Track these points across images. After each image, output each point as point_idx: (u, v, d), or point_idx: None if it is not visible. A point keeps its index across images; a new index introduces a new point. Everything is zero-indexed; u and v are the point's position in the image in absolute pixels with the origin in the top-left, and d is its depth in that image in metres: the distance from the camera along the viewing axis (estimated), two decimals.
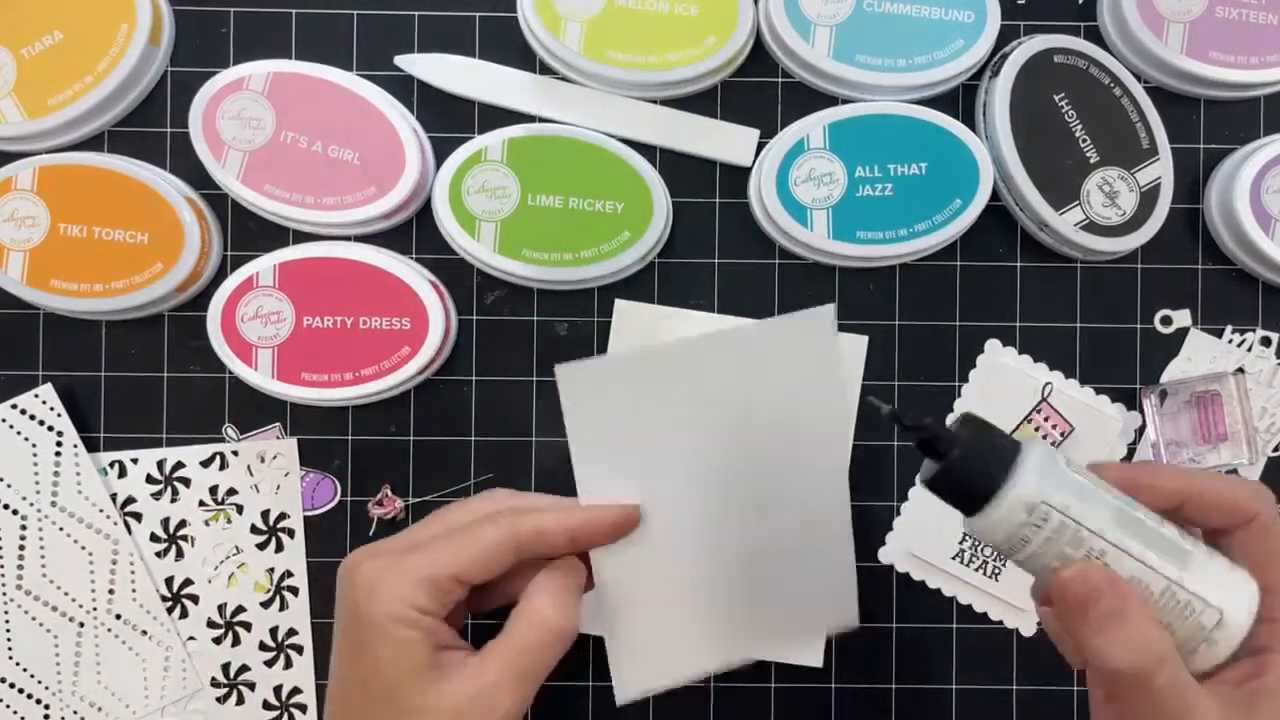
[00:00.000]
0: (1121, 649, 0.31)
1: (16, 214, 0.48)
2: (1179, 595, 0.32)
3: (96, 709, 0.50)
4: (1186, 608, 0.32)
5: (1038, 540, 0.32)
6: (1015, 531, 0.33)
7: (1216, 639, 0.31)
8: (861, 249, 0.50)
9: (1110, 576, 0.32)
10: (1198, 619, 0.32)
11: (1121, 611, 0.31)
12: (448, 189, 0.49)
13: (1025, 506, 0.32)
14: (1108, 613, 0.31)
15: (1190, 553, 0.32)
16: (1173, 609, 0.32)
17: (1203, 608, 0.31)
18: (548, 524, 0.39)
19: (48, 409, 0.50)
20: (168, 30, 0.51)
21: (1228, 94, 0.52)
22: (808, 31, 0.50)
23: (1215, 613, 0.31)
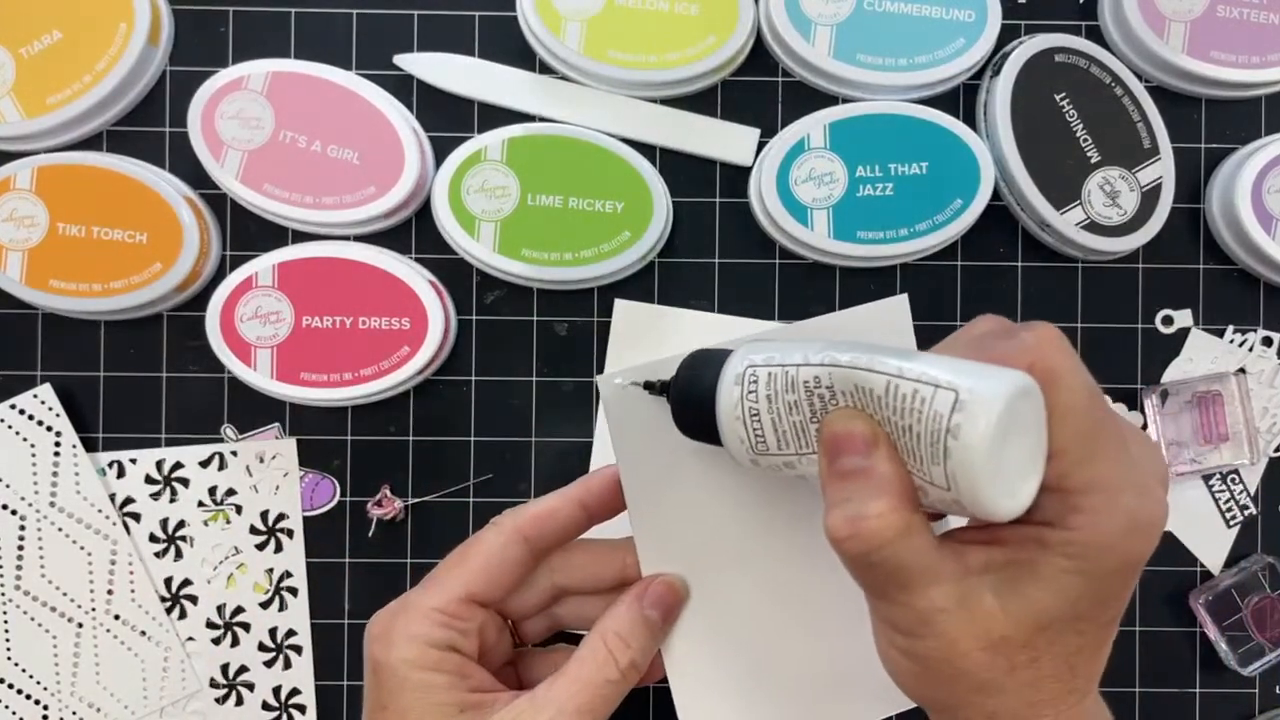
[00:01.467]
0: (840, 511, 0.28)
1: (15, 214, 0.48)
2: (902, 388, 0.27)
3: (95, 709, 0.50)
4: (915, 399, 0.27)
5: (764, 405, 0.30)
6: (742, 413, 0.30)
7: (960, 425, 0.25)
8: (862, 249, 0.50)
9: (854, 427, 0.28)
10: (932, 408, 0.26)
11: (850, 473, 0.28)
12: (447, 189, 0.49)
13: (734, 378, 0.31)
14: (844, 471, 0.28)
15: (923, 354, 0.28)
16: (901, 407, 0.27)
17: (932, 392, 0.26)
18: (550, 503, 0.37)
19: (46, 409, 0.50)
20: (166, 30, 0.51)
21: (1229, 93, 0.52)
22: (808, 31, 0.50)
23: (949, 394, 0.26)
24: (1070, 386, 0.27)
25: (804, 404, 0.30)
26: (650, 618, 0.36)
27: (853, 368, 0.28)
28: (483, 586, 0.35)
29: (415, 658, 0.34)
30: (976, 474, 0.26)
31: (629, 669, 0.35)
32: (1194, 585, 0.52)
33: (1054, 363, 0.27)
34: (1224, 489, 0.52)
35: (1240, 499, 0.52)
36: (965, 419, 0.26)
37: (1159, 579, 0.52)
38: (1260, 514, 0.52)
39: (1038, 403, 0.27)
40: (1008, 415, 0.25)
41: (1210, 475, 0.52)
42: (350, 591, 0.51)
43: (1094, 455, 0.27)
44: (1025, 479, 0.27)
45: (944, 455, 0.26)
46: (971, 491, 0.26)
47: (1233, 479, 0.52)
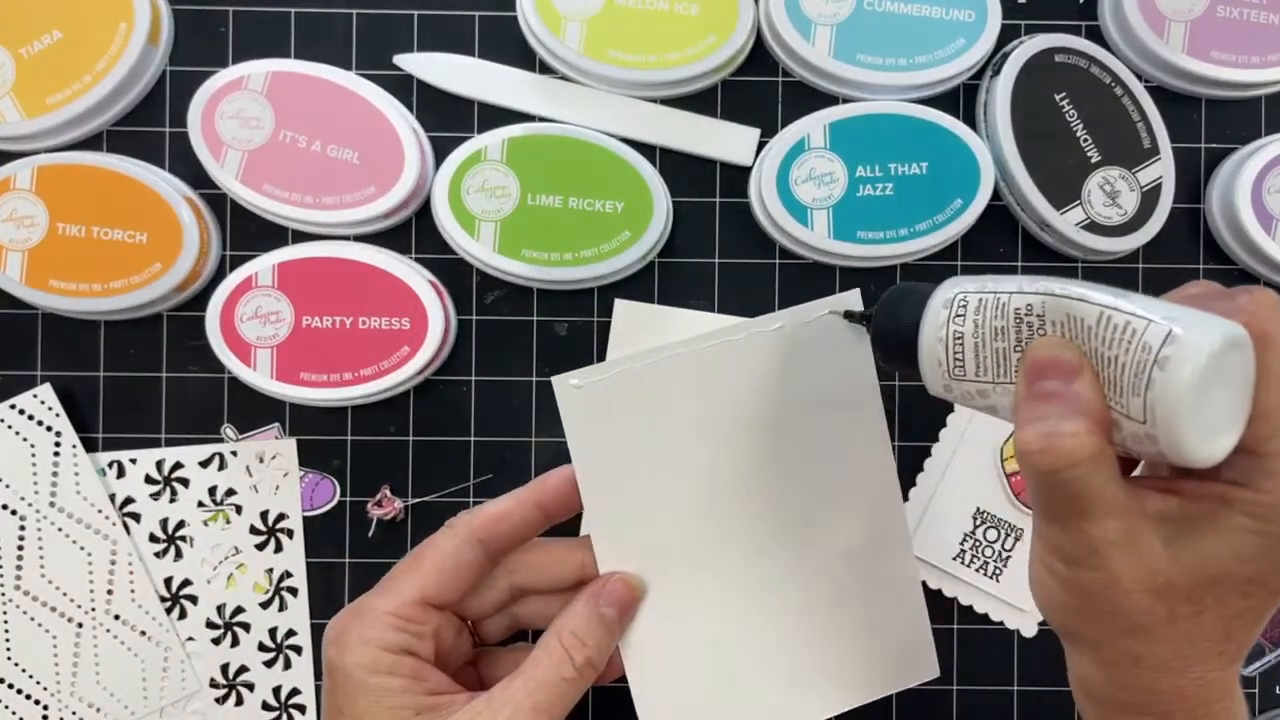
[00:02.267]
0: (1033, 426, 0.28)
1: (15, 214, 0.48)
2: (1115, 319, 0.27)
3: (95, 709, 0.50)
4: (1126, 330, 0.27)
5: (970, 328, 0.31)
6: (946, 335, 0.31)
7: (1169, 358, 0.26)
8: (862, 249, 0.50)
9: (1061, 353, 0.28)
10: (1141, 338, 0.27)
11: (1051, 394, 0.28)
12: (447, 189, 0.49)
13: (943, 302, 0.32)
14: (1044, 393, 0.28)
15: (1139, 295, 0.28)
16: (1111, 337, 0.27)
17: (1145, 325, 0.27)
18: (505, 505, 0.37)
19: (46, 409, 0.50)
20: (166, 29, 0.51)
21: (1229, 93, 0.52)
22: (808, 31, 0.50)
23: (1163, 328, 0.26)
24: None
25: (1011, 331, 0.30)
26: (606, 615, 0.36)
27: (1066, 296, 0.29)
28: (437, 589, 0.36)
29: (369, 662, 0.34)
30: (1178, 407, 0.26)
31: (585, 666, 0.35)
32: None
33: (1270, 326, 0.27)
34: None
35: None
36: (1175, 352, 0.26)
37: None
38: None
39: (1248, 359, 0.27)
40: (1217, 359, 0.26)
41: None
42: (350, 592, 0.51)
43: None
44: (1223, 432, 0.27)
45: (1146, 386, 0.26)
46: (1168, 425, 0.26)
47: None
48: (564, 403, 0.37)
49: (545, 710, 0.34)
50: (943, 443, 0.52)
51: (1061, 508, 0.28)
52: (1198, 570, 0.28)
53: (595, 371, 0.37)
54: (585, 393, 0.37)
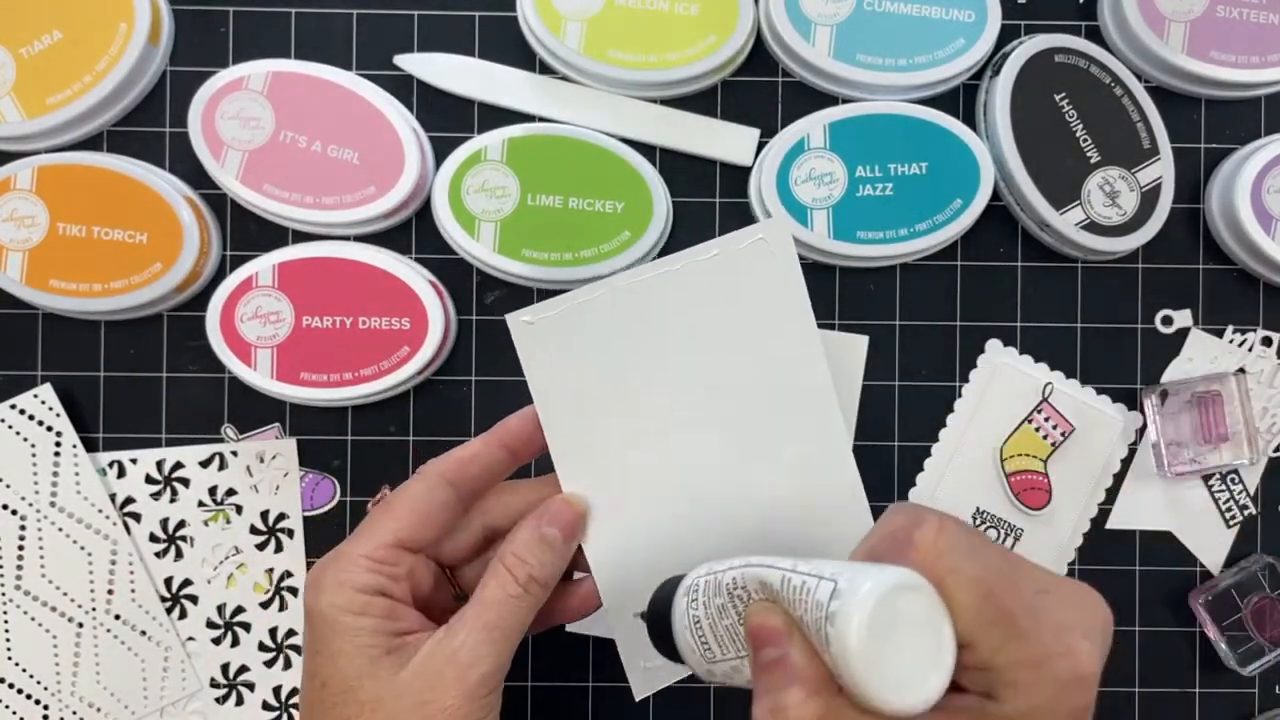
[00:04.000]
0: (762, 700, 0.29)
1: (15, 214, 0.48)
2: (793, 580, 0.29)
3: (95, 709, 0.50)
4: (803, 589, 0.28)
5: (702, 611, 0.33)
6: (689, 622, 0.33)
7: (836, 612, 0.26)
8: (862, 249, 0.50)
9: (767, 620, 0.29)
10: (814, 596, 0.28)
11: (770, 664, 0.29)
12: (447, 189, 0.49)
13: (684, 591, 0.34)
14: (765, 664, 0.29)
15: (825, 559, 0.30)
16: (793, 599, 0.29)
17: (816, 583, 0.28)
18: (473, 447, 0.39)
19: (46, 409, 0.50)
20: (167, 30, 0.51)
21: (1229, 93, 0.52)
22: (808, 31, 0.50)
23: (829, 584, 0.27)
24: (961, 583, 0.28)
25: (729, 607, 0.32)
26: (548, 534, 0.38)
27: (759, 565, 0.30)
28: (410, 531, 0.37)
29: (343, 602, 0.35)
30: (851, 661, 0.26)
31: (529, 583, 0.37)
32: (1194, 585, 0.52)
33: (942, 563, 0.28)
34: (1224, 489, 0.52)
35: (1240, 499, 0.52)
36: (840, 606, 0.27)
37: (1159, 579, 0.52)
38: (1260, 514, 0.52)
39: (929, 598, 0.27)
40: (884, 606, 0.26)
41: (1210, 475, 0.52)
42: None
43: (1007, 638, 0.28)
44: (926, 674, 0.27)
45: (826, 642, 0.27)
46: (852, 678, 0.27)
47: (1232, 479, 0.52)
48: (519, 338, 0.39)
49: (496, 627, 0.36)
50: (943, 443, 0.52)
51: None
52: None
53: (546, 307, 0.39)
54: (538, 328, 0.39)
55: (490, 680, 0.35)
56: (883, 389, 0.52)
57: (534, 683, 0.51)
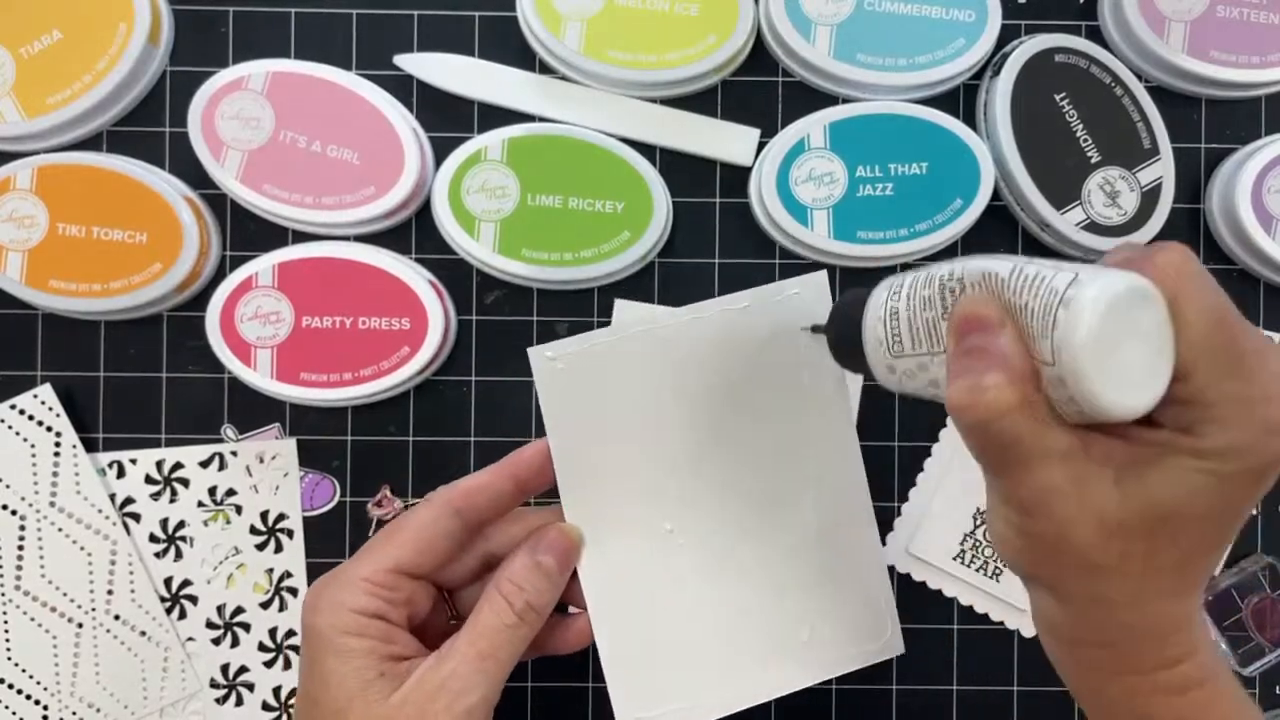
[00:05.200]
0: (961, 382, 0.28)
1: (15, 214, 0.48)
2: (1027, 270, 0.28)
3: (95, 710, 0.50)
4: (1036, 278, 0.28)
5: (904, 303, 0.32)
6: (884, 314, 0.33)
7: (1073, 297, 0.26)
8: (862, 249, 0.50)
9: (982, 309, 0.29)
10: (1049, 283, 0.27)
11: (991, 344, 0.28)
12: (447, 189, 0.49)
13: (885, 286, 0.33)
14: (969, 349, 0.29)
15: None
16: (1022, 286, 0.28)
17: (1054, 273, 0.27)
18: (481, 478, 0.39)
19: (46, 409, 0.50)
20: (166, 30, 0.51)
21: (1229, 93, 0.52)
22: (808, 31, 0.50)
23: (1069, 274, 0.27)
24: (1197, 308, 0.27)
25: (936, 299, 0.31)
26: (544, 563, 0.38)
27: (986, 258, 0.30)
28: (411, 558, 0.37)
29: (340, 623, 0.35)
30: (1081, 346, 0.26)
31: (525, 611, 0.37)
32: None
33: (1181, 284, 0.28)
34: None
35: None
36: (1078, 292, 0.26)
37: None
38: (1260, 514, 0.52)
39: (1158, 313, 0.27)
40: (1120, 303, 0.26)
41: None
42: None
43: (1225, 374, 0.27)
44: (1140, 386, 0.27)
45: (1053, 327, 0.27)
46: (1073, 365, 0.26)
47: None
48: (539, 374, 0.39)
49: (490, 656, 0.36)
50: (943, 443, 0.52)
51: (1000, 459, 0.29)
52: (1148, 510, 0.28)
53: (570, 344, 0.39)
54: (560, 365, 0.39)
55: (480, 709, 0.35)
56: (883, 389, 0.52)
57: (534, 683, 0.51)
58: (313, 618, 0.36)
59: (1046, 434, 0.28)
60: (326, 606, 0.36)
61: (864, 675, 0.51)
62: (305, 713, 0.36)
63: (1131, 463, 0.28)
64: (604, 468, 0.39)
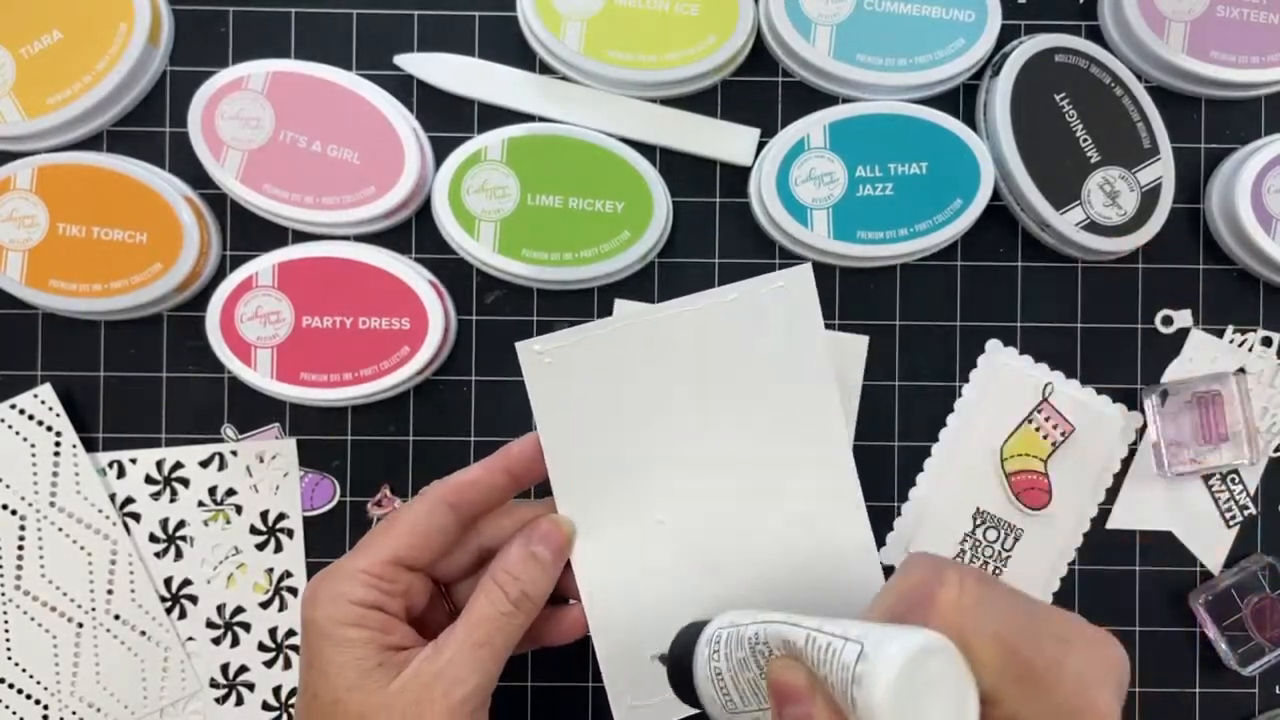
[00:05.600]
0: None
1: (15, 214, 0.48)
2: (819, 640, 0.29)
3: (95, 709, 0.50)
4: (829, 650, 0.28)
5: (724, 664, 0.33)
6: (710, 674, 0.33)
7: (863, 675, 0.26)
8: (862, 249, 0.50)
9: (790, 677, 0.29)
10: (840, 658, 0.28)
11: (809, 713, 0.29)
12: (447, 189, 0.49)
13: (705, 641, 0.34)
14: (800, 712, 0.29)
15: (847, 620, 0.30)
16: (818, 658, 0.29)
17: (842, 645, 0.28)
18: (475, 472, 0.39)
19: (46, 409, 0.50)
20: (167, 30, 0.51)
21: (1229, 93, 0.52)
22: (808, 31, 0.50)
23: (855, 646, 0.27)
24: (984, 641, 0.28)
25: (750, 660, 0.32)
26: (538, 553, 0.38)
27: (781, 622, 0.31)
28: (407, 550, 0.37)
29: (338, 615, 0.36)
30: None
31: (520, 600, 0.37)
32: (1194, 585, 0.52)
33: (964, 621, 0.28)
34: (1224, 489, 0.52)
35: (1240, 499, 0.52)
36: (868, 669, 0.26)
37: (1159, 579, 0.52)
38: (1260, 514, 0.52)
39: (954, 659, 0.27)
40: (910, 670, 0.26)
41: (1210, 475, 0.52)
42: None
43: (1030, 693, 0.28)
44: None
45: (852, 706, 0.27)
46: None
47: (1232, 479, 0.52)
48: (527, 367, 0.39)
49: (486, 644, 0.36)
50: (943, 443, 0.52)
51: None
52: None
53: (558, 338, 0.40)
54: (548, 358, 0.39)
55: (475, 697, 0.36)
56: (883, 389, 0.52)
57: (534, 683, 0.51)
58: (311, 611, 0.36)
59: None
60: (325, 599, 0.36)
61: None
62: (305, 706, 0.36)
63: None
64: (595, 460, 0.40)
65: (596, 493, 0.40)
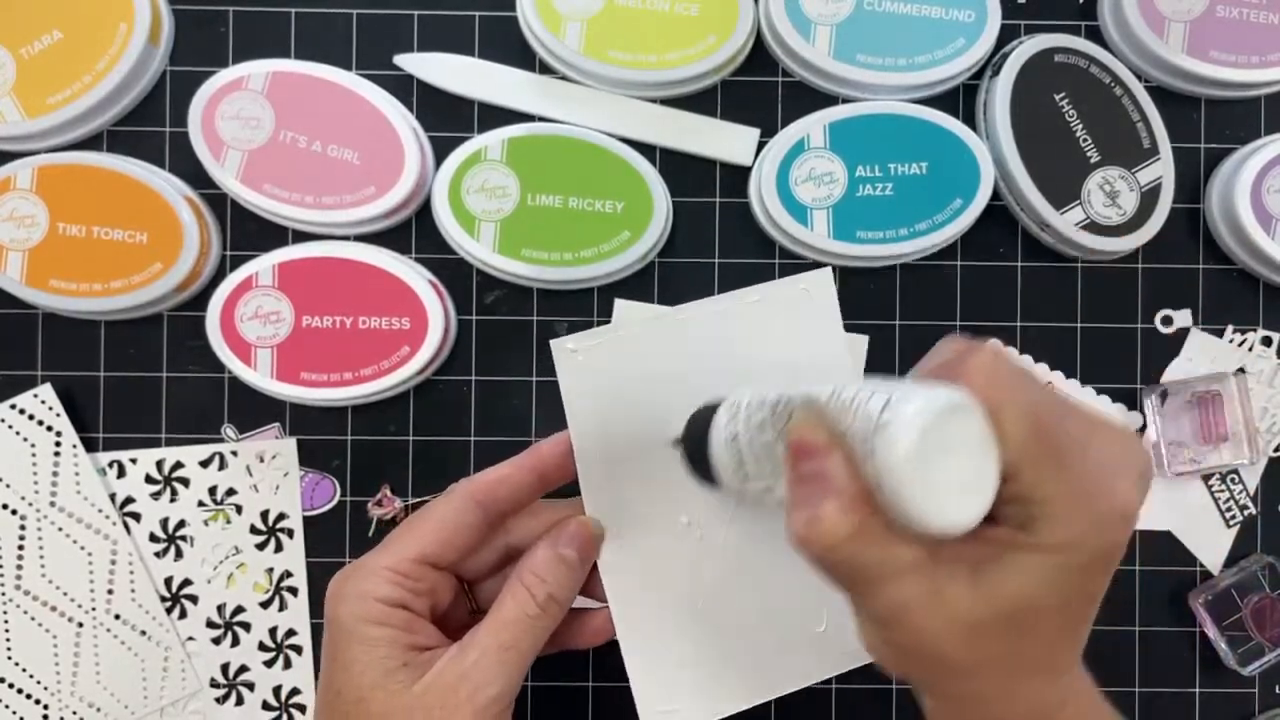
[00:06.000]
0: (798, 514, 0.28)
1: (15, 213, 0.48)
2: (844, 394, 0.29)
3: (95, 709, 0.50)
4: (853, 403, 0.28)
5: (742, 427, 0.32)
6: (726, 438, 0.33)
7: (888, 423, 0.26)
8: (862, 249, 0.50)
9: (809, 434, 0.29)
10: (865, 408, 0.27)
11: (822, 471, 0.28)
12: (447, 189, 0.49)
13: (726, 406, 0.34)
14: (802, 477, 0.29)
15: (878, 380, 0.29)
16: (842, 409, 0.28)
17: (869, 396, 0.28)
18: (503, 470, 0.39)
19: (47, 409, 0.50)
20: (167, 29, 0.51)
21: (1229, 93, 0.52)
22: (808, 31, 0.50)
23: (883, 396, 0.27)
24: (1013, 412, 0.28)
25: (769, 423, 0.31)
26: (566, 555, 0.38)
27: (806, 386, 0.30)
28: (434, 548, 0.37)
29: (363, 612, 0.35)
30: (897, 473, 0.26)
31: (548, 602, 0.37)
32: (1194, 585, 0.52)
33: (995, 390, 0.28)
34: (1224, 489, 0.52)
35: (1240, 499, 0.52)
36: (892, 417, 0.26)
37: (1159, 579, 0.52)
38: (1260, 514, 0.52)
39: (976, 423, 0.27)
40: (936, 423, 0.26)
41: (1210, 475, 0.52)
42: None
43: (1049, 473, 0.28)
44: (967, 499, 0.27)
45: (872, 453, 0.27)
46: (893, 491, 0.27)
47: (1232, 479, 0.52)
48: (561, 365, 0.39)
49: (512, 647, 0.36)
50: None
51: (850, 582, 0.29)
52: (1003, 607, 0.28)
53: (590, 336, 0.40)
54: (580, 356, 0.39)
55: (501, 700, 0.35)
56: None
57: (534, 683, 0.51)
58: (336, 608, 0.36)
59: (890, 551, 0.28)
60: (350, 596, 0.36)
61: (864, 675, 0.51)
62: (328, 704, 0.36)
63: (982, 561, 0.29)
64: (623, 461, 0.40)
65: (624, 494, 0.40)
